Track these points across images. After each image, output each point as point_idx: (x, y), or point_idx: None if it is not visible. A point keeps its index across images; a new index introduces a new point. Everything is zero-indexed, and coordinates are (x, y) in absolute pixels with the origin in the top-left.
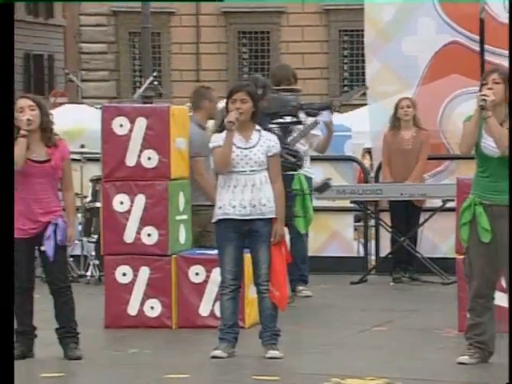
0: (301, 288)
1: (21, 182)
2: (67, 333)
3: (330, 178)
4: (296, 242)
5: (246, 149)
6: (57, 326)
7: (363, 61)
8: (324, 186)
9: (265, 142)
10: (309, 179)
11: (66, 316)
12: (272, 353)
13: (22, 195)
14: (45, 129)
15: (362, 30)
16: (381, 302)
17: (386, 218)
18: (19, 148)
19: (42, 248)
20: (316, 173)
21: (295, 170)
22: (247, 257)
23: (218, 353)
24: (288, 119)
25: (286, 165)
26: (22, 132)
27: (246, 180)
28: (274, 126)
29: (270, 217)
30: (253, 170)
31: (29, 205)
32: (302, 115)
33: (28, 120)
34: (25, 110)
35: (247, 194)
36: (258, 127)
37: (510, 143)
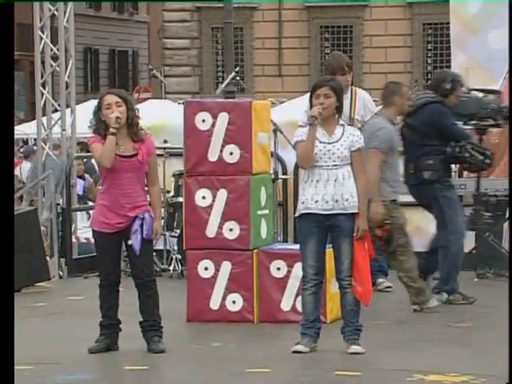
0: (381, 280)
1: (108, 176)
2: (151, 326)
3: None
4: None
5: (329, 143)
6: (141, 320)
7: (447, 54)
8: None
9: (348, 136)
10: None
11: (151, 309)
12: (354, 348)
13: (109, 190)
14: (131, 124)
15: (447, 23)
16: None
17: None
18: (108, 146)
19: (129, 242)
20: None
21: (483, 169)
22: (329, 251)
23: (299, 347)
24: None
25: (474, 162)
26: (111, 130)
27: (328, 174)
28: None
29: (353, 212)
30: (336, 165)
31: (116, 199)
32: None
33: (117, 118)
34: (112, 107)
35: (330, 189)
36: (341, 122)
37: (511, 142)
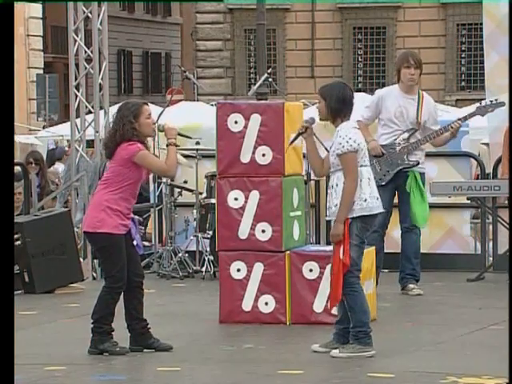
0: (412, 286)
1: (132, 183)
2: (148, 326)
3: None
4: (409, 236)
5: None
6: (136, 322)
7: (481, 55)
8: None
9: (335, 143)
10: (422, 175)
11: (142, 309)
12: (333, 352)
13: (128, 197)
14: None
15: (481, 24)
16: (498, 300)
17: (504, 214)
18: (175, 156)
19: (134, 242)
20: (432, 169)
21: None
22: (366, 251)
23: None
24: None
25: None
26: (172, 140)
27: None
28: None
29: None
30: (330, 172)
31: (131, 203)
32: None
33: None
34: (151, 117)
35: (328, 196)
36: (339, 127)
37: (511, 144)
